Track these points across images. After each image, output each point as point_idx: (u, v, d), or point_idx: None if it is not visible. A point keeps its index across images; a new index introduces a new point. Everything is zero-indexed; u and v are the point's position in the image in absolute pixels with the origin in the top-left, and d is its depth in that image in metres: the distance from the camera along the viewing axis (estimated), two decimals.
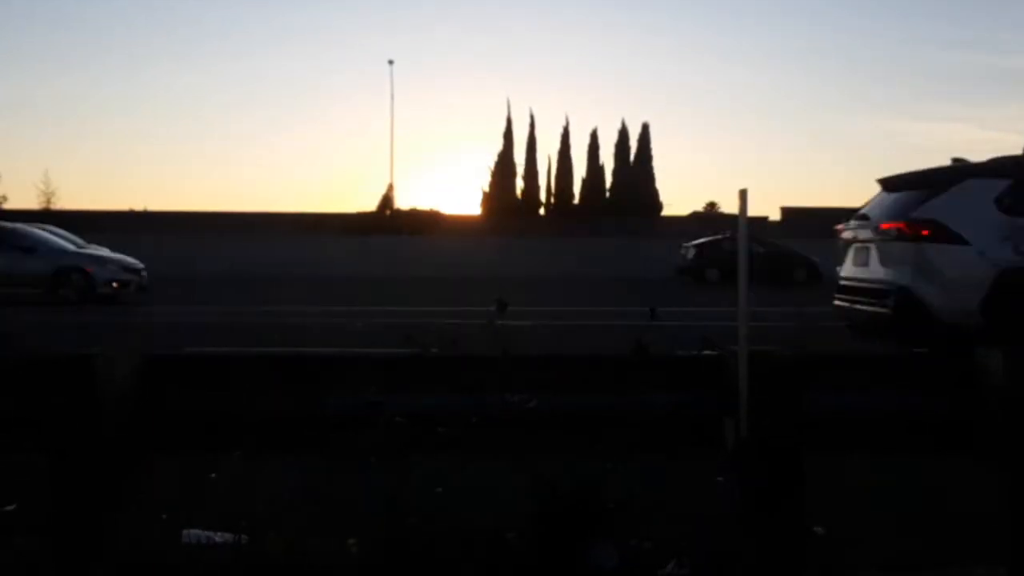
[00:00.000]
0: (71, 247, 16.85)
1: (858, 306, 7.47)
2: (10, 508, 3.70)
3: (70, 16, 63.99)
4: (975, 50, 63.62)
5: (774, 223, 43.87)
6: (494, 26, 68.10)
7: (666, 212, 48.59)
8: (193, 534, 3.24)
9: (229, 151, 64.20)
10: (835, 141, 65.53)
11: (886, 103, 66.26)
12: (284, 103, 68.42)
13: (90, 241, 18.17)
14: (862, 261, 7.58)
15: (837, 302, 7.98)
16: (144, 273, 16.83)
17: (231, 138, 66.50)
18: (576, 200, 50.26)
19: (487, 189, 51.31)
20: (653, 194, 49.49)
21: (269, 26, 66.76)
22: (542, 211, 50.49)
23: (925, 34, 64.46)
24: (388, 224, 46.58)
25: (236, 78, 66.49)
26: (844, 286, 7.88)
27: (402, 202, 50.76)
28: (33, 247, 15.81)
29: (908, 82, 65.03)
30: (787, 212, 47.64)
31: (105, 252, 17.06)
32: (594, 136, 50.22)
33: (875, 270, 7.27)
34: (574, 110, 69.46)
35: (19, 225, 16.87)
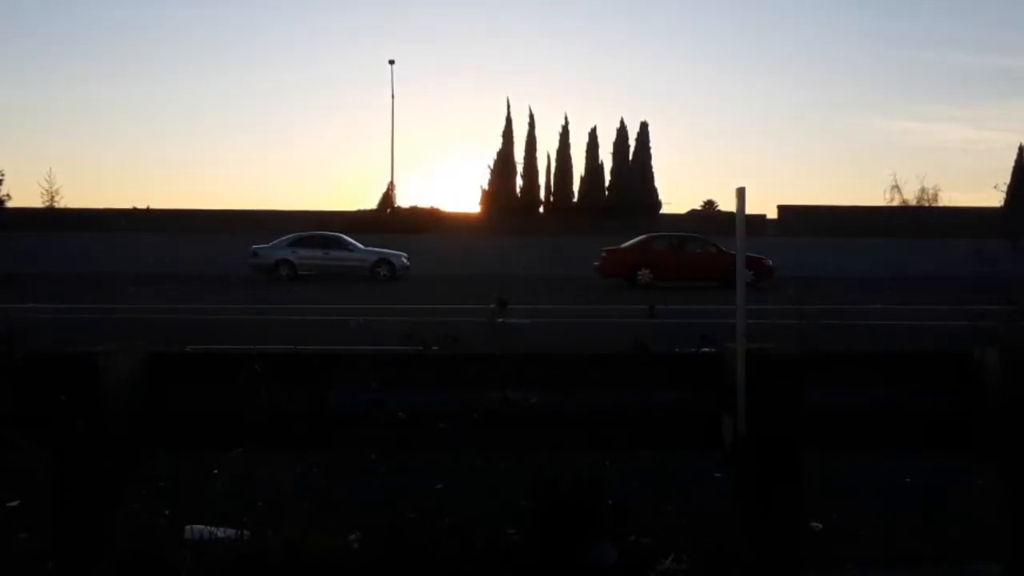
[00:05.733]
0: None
1: None
2: (13, 504, 3.73)
3: (72, 17, 64.03)
4: (972, 50, 63.66)
5: (771, 221, 43.83)
6: (494, 26, 68.11)
7: (664, 210, 48.55)
8: (196, 530, 3.26)
9: (231, 150, 64.35)
10: (832, 140, 65.69)
11: (883, 102, 66.34)
12: (286, 103, 68.56)
13: None
14: None
15: None
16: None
17: (233, 137, 66.53)
18: (575, 198, 50.18)
19: (487, 187, 51.23)
20: (652, 192, 49.46)
21: (271, 27, 66.85)
22: (541, 209, 50.47)
23: (923, 34, 64.46)
24: (389, 222, 46.50)
25: (238, 78, 66.56)
26: None
27: (403, 201, 50.70)
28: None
29: (905, 82, 65.06)
30: (784, 210, 47.56)
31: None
32: (593, 135, 50.16)
33: None
34: (573, 109, 69.58)
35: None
